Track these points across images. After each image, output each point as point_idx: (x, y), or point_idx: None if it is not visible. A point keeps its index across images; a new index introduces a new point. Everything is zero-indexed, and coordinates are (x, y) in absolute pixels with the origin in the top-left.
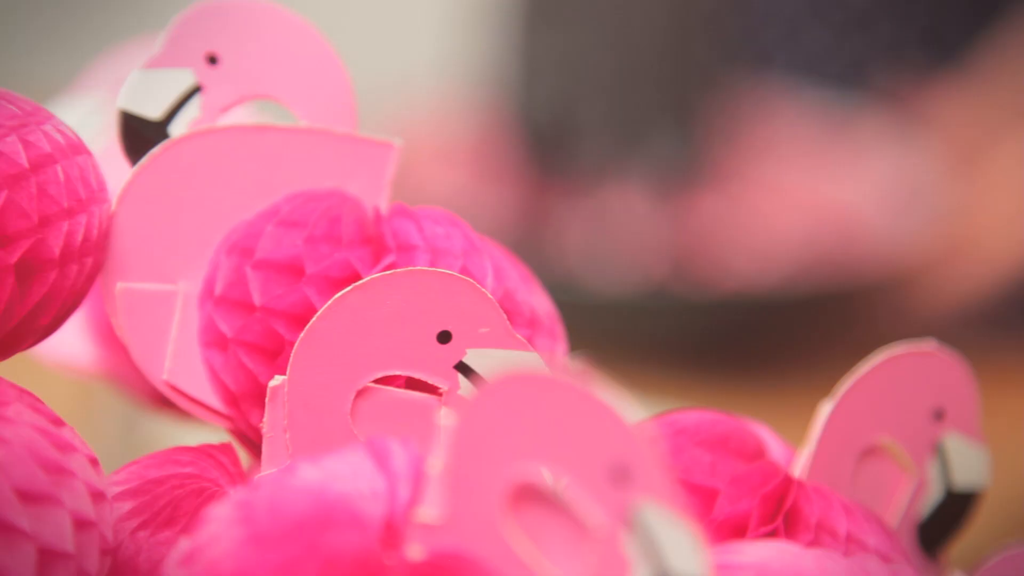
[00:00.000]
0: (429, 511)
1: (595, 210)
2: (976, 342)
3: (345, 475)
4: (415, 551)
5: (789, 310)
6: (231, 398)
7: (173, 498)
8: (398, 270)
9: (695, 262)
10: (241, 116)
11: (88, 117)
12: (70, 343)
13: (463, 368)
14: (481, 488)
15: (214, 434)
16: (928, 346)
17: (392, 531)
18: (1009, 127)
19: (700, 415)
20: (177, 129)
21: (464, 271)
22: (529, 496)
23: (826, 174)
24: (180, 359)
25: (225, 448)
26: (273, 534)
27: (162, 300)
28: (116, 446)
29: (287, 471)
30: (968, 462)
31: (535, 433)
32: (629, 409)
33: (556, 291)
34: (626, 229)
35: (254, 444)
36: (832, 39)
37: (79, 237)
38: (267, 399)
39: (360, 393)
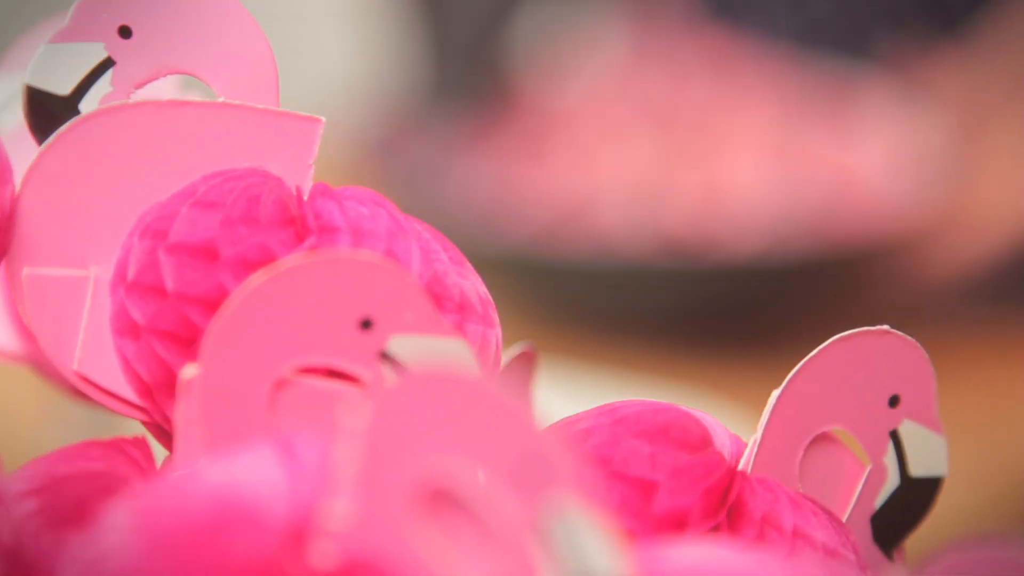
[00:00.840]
0: (336, 513)
1: (577, 182)
2: (976, 312)
3: (246, 475)
4: (320, 556)
5: (785, 278)
6: (144, 389)
7: (80, 496)
8: (318, 253)
9: (686, 232)
10: (157, 91)
11: (10, 100)
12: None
13: (385, 357)
14: (391, 488)
15: None
16: (882, 330)
17: (295, 534)
18: (1011, 97)
19: (642, 404)
20: (87, 106)
21: (389, 254)
22: (440, 497)
23: (827, 140)
24: (91, 348)
25: (138, 442)
26: (168, 542)
27: (71, 286)
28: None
29: (188, 472)
30: (925, 450)
31: (446, 433)
32: (545, 406)
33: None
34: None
35: (170, 436)
36: (835, 6)
37: None
38: (179, 390)
39: (278, 384)
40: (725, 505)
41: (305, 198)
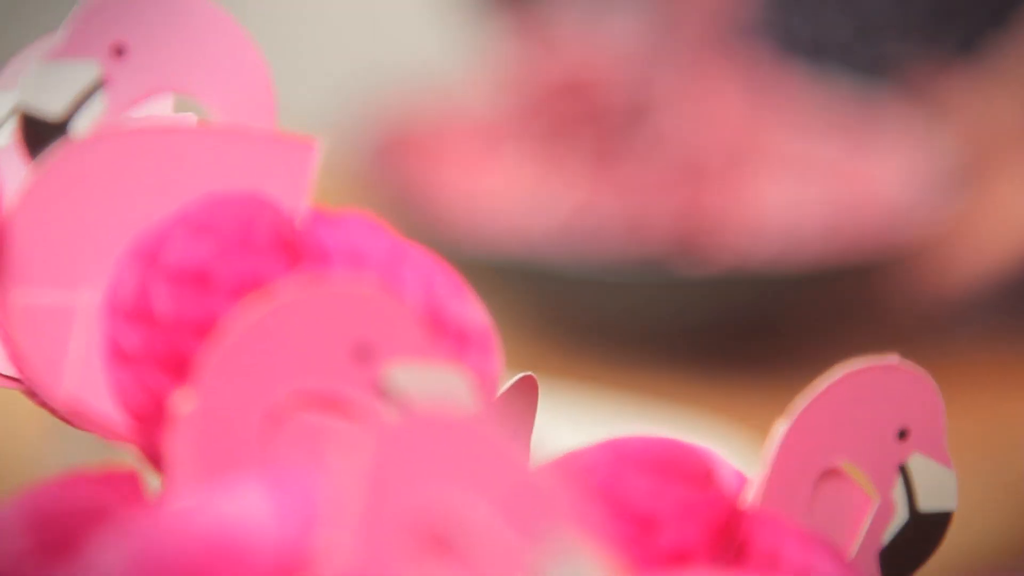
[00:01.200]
0: (329, 552)
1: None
2: (986, 324)
3: (237, 511)
4: None
5: (793, 291)
6: (135, 418)
7: (71, 534)
8: (312, 282)
9: (700, 238)
10: (152, 111)
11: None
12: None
13: (380, 388)
14: (385, 527)
15: None
16: (891, 361)
17: (286, 573)
18: None
19: (645, 440)
20: (81, 125)
21: (385, 282)
22: (436, 537)
23: (840, 154)
24: (81, 376)
25: (128, 476)
26: None
27: (61, 312)
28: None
29: (178, 507)
30: (934, 484)
31: (441, 472)
32: (545, 432)
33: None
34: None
35: (161, 465)
36: (854, 26)
37: None
38: (171, 420)
39: (272, 416)
40: (730, 542)
41: (301, 222)
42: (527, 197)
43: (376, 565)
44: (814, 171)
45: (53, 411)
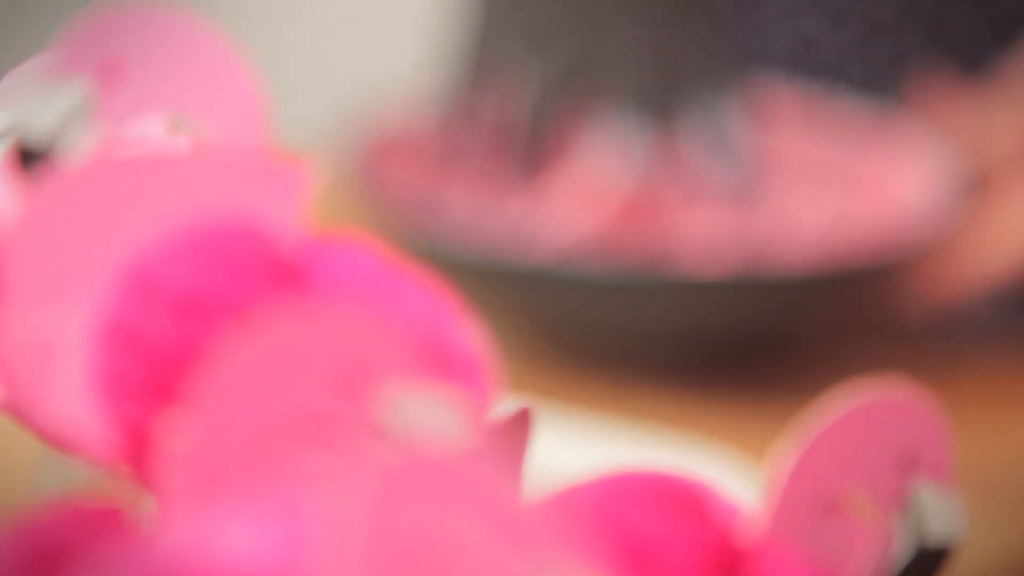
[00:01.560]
0: None
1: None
2: (990, 334)
3: (229, 543)
4: None
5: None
6: (123, 443)
7: (55, 570)
8: (306, 308)
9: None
10: (143, 129)
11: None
12: None
13: (372, 418)
14: (380, 563)
15: None
16: (897, 389)
17: None
18: None
19: (646, 473)
20: (70, 144)
21: (380, 308)
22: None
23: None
24: (68, 400)
25: (111, 512)
26: None
27: (51, 336)
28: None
29: (168, 539)
30: (942, 514)
31: (433, 512)
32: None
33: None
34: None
35: (151, 489)
36: (857, 45)
37: None
38: (159, 447)
39: (264, 442)
40: (731, 575)
41: (293, 247)
42: (519, 204)
43: None
44: (824, 179)
45: (40, 435)
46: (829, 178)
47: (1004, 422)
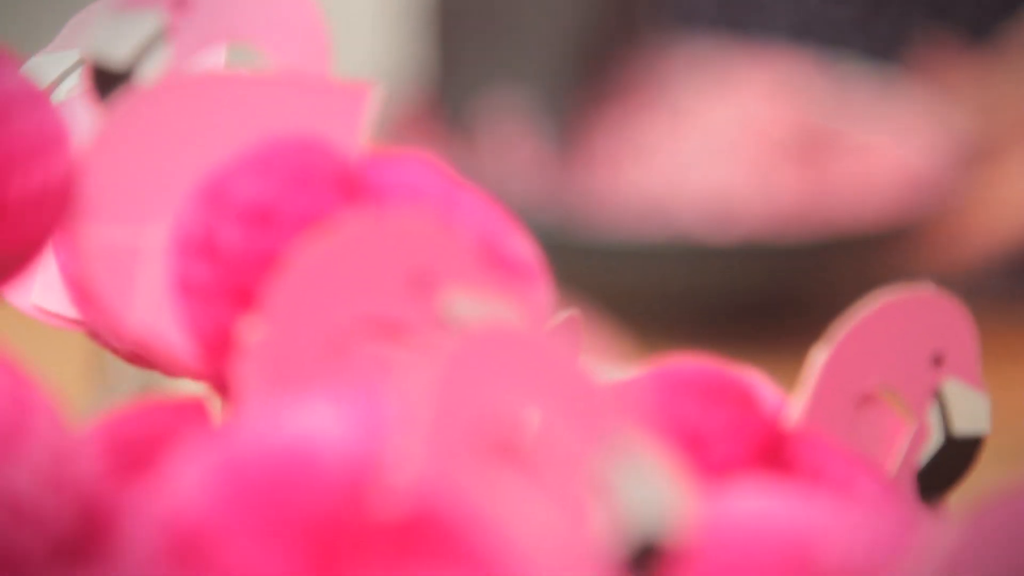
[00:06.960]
0: (399, 466)
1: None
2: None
3: (307, 429)
4: (386, 511)
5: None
6: (204, 349)
7: (144, 454)
8: (371, 213)
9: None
10: (213, 59)
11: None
12: (53, 294)
13: (438, 316)
14: (452, 439)
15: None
16: (926, 290)
17: (358, 488)
18: None
19: (691, 364)
20: (146, 73)
21: (440, 215)
22: (507, 451)
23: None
24: (150, 310)
25: (196, 404)
26: (233, 497)
27: (131, 250)
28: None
29: (249, 427)
30: (968, 408)
31: (506, 384)
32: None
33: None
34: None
35: (229, 396)
36: (863, 13)
37: (38, 186)
38: (238, 350)
39: (335, 341)
40: (775, 459)
41: (357, 162)
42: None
43: (444, 473)
44: (832, 146)
45: (117, 350)
46: (838, 146)
47: (1013, 380)
